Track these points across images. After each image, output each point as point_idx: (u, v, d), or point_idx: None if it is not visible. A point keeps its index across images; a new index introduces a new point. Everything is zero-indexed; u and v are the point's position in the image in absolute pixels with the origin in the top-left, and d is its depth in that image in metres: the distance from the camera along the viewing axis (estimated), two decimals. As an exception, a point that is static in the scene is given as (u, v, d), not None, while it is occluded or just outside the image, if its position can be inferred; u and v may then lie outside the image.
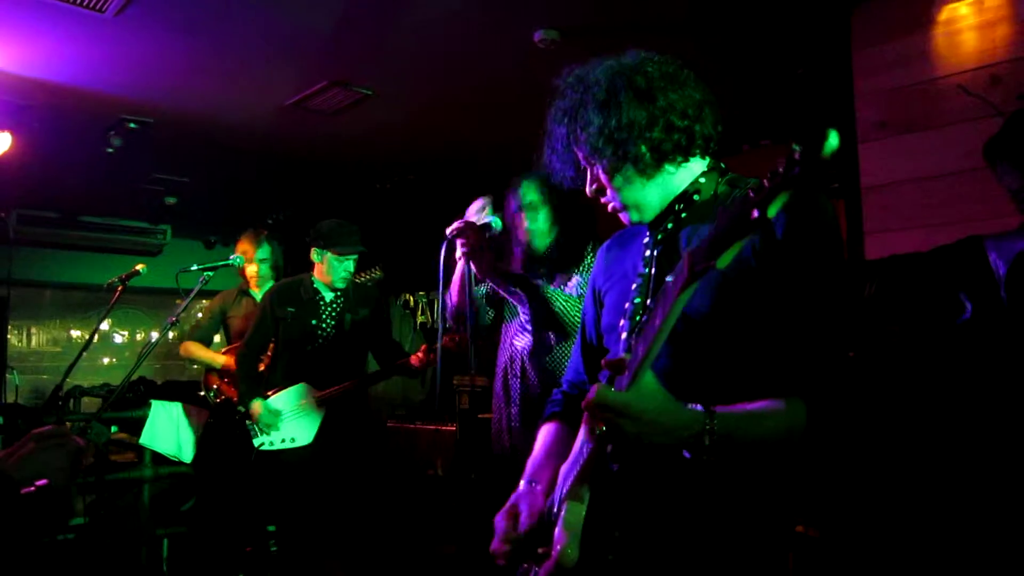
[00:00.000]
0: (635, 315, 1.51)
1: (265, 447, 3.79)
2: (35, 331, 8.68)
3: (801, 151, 0.91)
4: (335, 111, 4.90)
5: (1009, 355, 1.98)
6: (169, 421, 4.84)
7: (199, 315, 4.23)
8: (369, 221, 3.94)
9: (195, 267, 4.15)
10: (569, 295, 2.68)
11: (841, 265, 1.39)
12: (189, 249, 8.37)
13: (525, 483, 1.69)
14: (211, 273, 4.13)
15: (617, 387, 1.28)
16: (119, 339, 9.19)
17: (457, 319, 2.96)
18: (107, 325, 8.93)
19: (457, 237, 2.58)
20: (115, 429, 5.25)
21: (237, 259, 4.44)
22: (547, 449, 1.75)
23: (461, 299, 2.84)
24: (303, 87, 4.53)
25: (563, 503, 1.44)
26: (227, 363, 4.65)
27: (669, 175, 1.53)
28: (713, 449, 1.25)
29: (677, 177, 1.54)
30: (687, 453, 1.28)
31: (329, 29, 3.77)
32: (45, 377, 8.26)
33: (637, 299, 1.53)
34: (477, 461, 2.77)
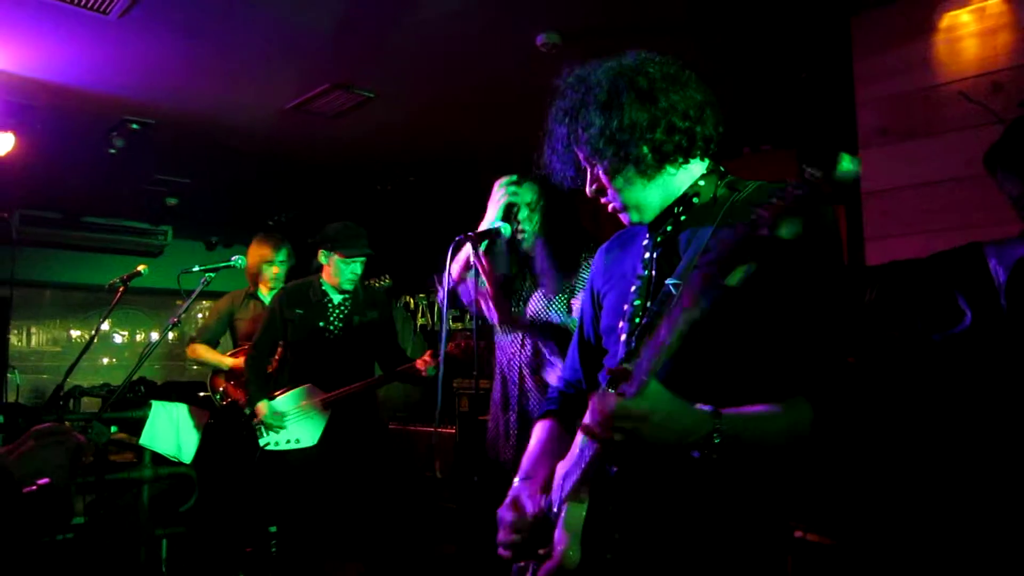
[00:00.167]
0: (634, 317, 1.52)
1: (270, 447, 3.79)
2: (36, 331, 8.68)
3: (817, 176, 0.92)
4: (337, 113, 4.90)
5: (1009, 361, 1.98)
6: (169, 422, 4.83)
7: (202, 316, 4.20)
8: (370, 223, 3.93)
9: (197, 268, 4.14)
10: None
11: (842, 270, 1.40)
12: (190, 250, 8.37)
13: (520, 480, 1.70)
14: (213, 274, 4.13)
15: (625, 392, 1.28)
16: (119, 339, 9.19)
17: (451, 298, 3.00)
18: (107, 325, 8.93)
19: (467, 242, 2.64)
20: (115, 429, 5.25)
21: (239, 260, 4.41)
22: (543, 446, 1.76)
23: (461, 279, 2.91)
24: (305, 89, 4.54)
25: (563, 504, 1.44)
26: (235, 365, 4.64)
27: (670, 176, 1.53)
28: (722, 448, 1.27)
29: (677, 178, 1.54)
30: (696, 453, 1.29)
31: (331, 32, 3.78)
32: (45, 377, 8.26)
33: (636, 301, 1.53)
34: (477, 463, 2.77)
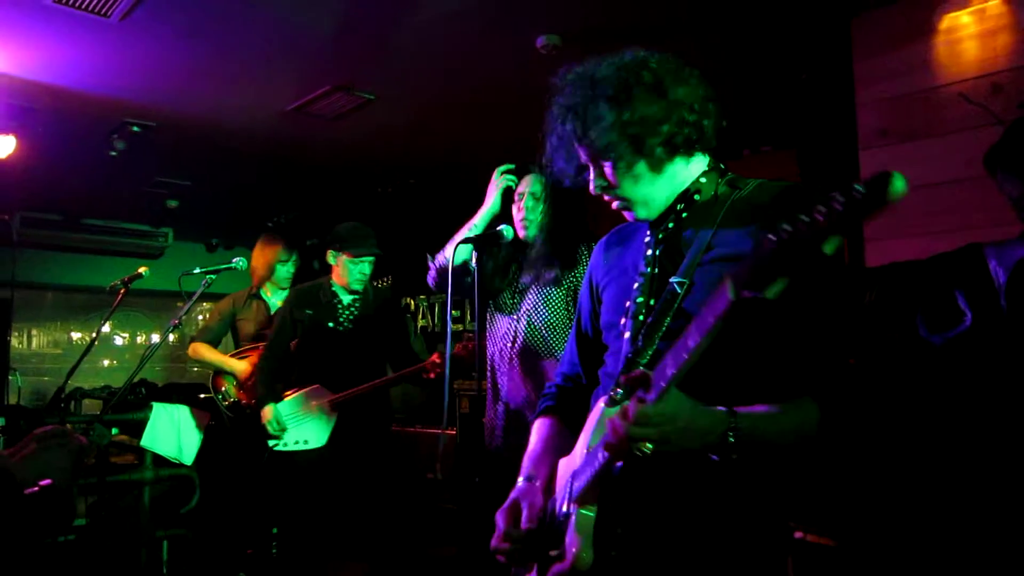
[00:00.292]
0: (638, 315, 1.52)
1: (279, 448, 3.80)
2: (37, 333, 8.68)
3: (864, 193, 0.90)
4: (337, 115, 4.91)
5: (1009, 362, 1.98)
6: (170, 423, 4.83)
7: (203, 318, 4.18)
8: (370, 225, 3.94)
9: (198, 270, 4.14)
10: None
11: (846, 273, 1.41)
12: (191, 252, 8.39)
13: (524, 479, 1.69)
14: (214, 276, 4.13)
15: (645, 399, 1.27)
16: (120, 341, 9.19)
17: (441, 276, 3.02)
18: (108, 327, 8.91)
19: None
20: (116, 431, 5.25)
21: (240, 262, 4.41)
22: (544, 444, 1.76)
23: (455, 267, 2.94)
24: (305, 91, 4.54)
25: (573, 505, 1.44)
26: (246, 370, 4.60)
27: (676, 171, 1.54)
28: (736, 448, 1.28)
29: (682, 174, 1.55)
30: (715, 456, 1.30)
31: (331, 34, 3.78)
32: (46, 379, 8.27)
33: (640, 299, 1.53)
34: (478, 464, 2.77)
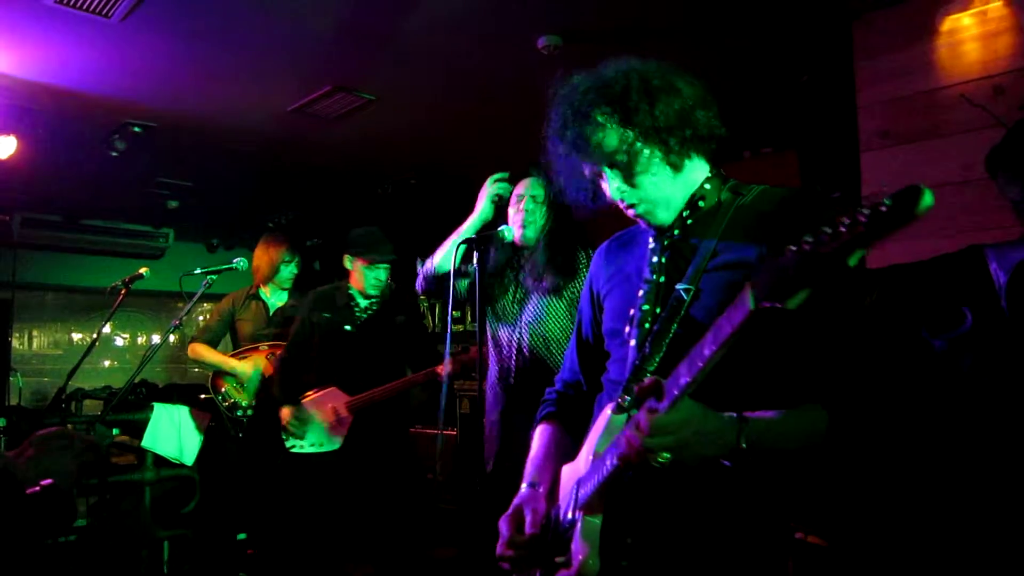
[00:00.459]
0: (644, 322, 1.52)
1: (296, 450, 3.80)
2: (37, 334, 8.68)
3: (891, 206, 0.89)
4: (338, 116, 4.91)
5: (1009, 363, 1.98)
6: (171, 424, 4.83)
7: (203, 319, 4.16)
8: (370, 225, 3.94)
9: (199, 270, 4.14)
10: None
11: (864, 283, 1.41)
12: (191, 252, 8.39)
13: (527, 486, 1.69)
14: (214, 276, 4.13)
15: (657, 408, 1.26)
16: (120, 342, 9.19)
17: (428, 282, 3.02)
18: (109, 328, 8.92)
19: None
20: (117, 432, 5.26)
21: (241, 262, 4.41)
22: (546, 450, 1.76)
23: (443, 274, 2.96)
24: (306, 92, 4.54)
25: (578, 512, 1.44)
26: (248, 370, 4.58)
27: (690, 171, 1.55)
28: (749, 453, 1.28)
29: (693, 175, 1.56)
30: (727, 462, 1.30)
31: (332, 34, 3.78)
32: (47, 380, 8.27)
33: (645, 306, 1.53)
34: (478, 467, 2.76)
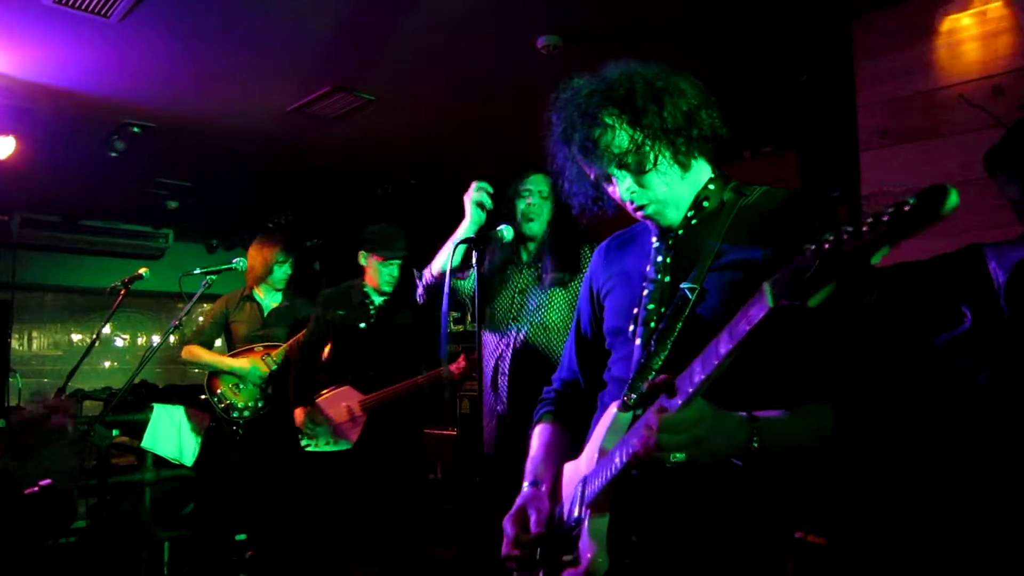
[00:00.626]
0: (649, 321, 1.52)
1: (311, 449, 3.80)
2: (37, 335, 8.68)
3: (915, 205, 0.89)
4: (337, 116, 4.90)
5: (1009, 362, 1.98)
6: (171, 425, 4.83)
7: (201, 318, 4.14)
8: (370, 225, 3.94)
9: (198, 271, 4.14)
10: None
11: (881, 285, 1.40)
12: (191, 253, 8.39)
13: (529, 485, 1.69)
14: (214, 277, 4.13)
15: (668, 406, 1.26)
16: (120, 343, 9.19)
17: (430, 293, 2.98)
18: (109, 329, 8.92)
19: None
20: (117, 433, 5.25)
21: (240, 263, 4.40)
22: (546, 449, 1.76)
23: (442, 280, 2.90)
24: (305, 92, 4.54)
25: (586, 510, 1.44)
26: (245, 364, 4.54)
27: (696, 171, 1.56)
28: (760, 452, 1.27)
29: (698, 176, 1.57)
30: (738, 461, 1.30)
31: (331, 34, 3.78)
32: (47, 381, 8.27)
33: (650, 305, 1.54)
34: (478, 464, 2.77)
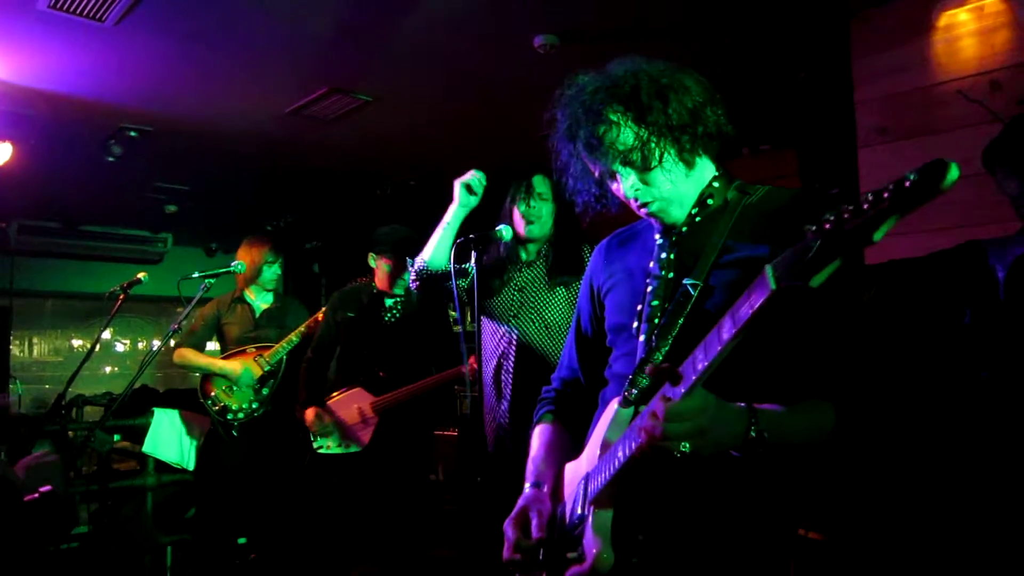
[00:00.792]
0: (653, 317, 1.52)
1: (323, 451, 3.80)
2: (37, 341, 8.67)
3: (915, 180, 0.89)
4: (335, 117, 4.90)
5: (1008, 358, 1.98)
6: (172, 429, 4.84)
7: (191, 321, 4.11)
8: (369, 226, 3.93)
9: (196, 274, 4.12)
10: None
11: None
12: (190, 257, 8.39)
13: (530, 486, 1.68)
14: (212, 280, 4.11)
15: (672, 395, 1.25)
16: (121, 348, 9.19)
17: (423, 279, 2.91)
18: (109, 334, 8.94)
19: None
20: (118, 438, 5.26)
21: (239, 266, 4.39)
22: (547, 449, 1.75)
23: (433, 270, 2.88)
24: (303, 94, 4.53)
25: (589, 507, 1.44)
26: (237, 369, 4.50)
27: (700, 169, 1.56)
28: (759, 444, 1.27)
29: (702, 173, 1.57)
30: (736, 453, 1.29)
31: (328, 35, 3.77)
32: (47, 387, 8.26)
33: (655, 301, 1.53)
34: (478, 465, 2.77)
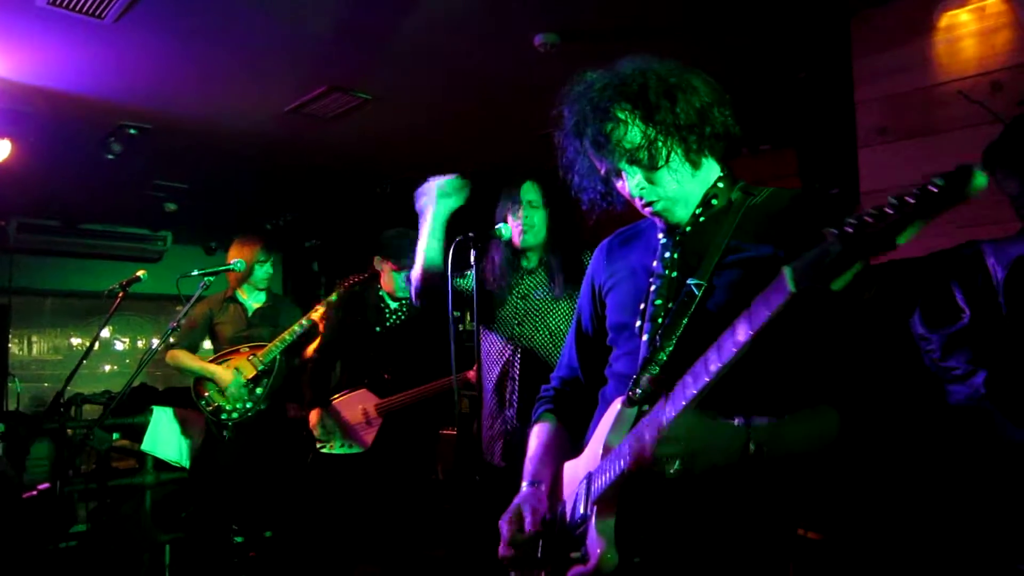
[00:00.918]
0: (656, 317, 1.51)
1: (326, 451, 3.80)
2: (36, 339, 8.67)
3: (942, 185, 0.89)
4: (334, 116, 4.90)
5: (1007, 358, 1.98)
6: (171, 427, 4.83)
7: (183, 322, 4.06)
8: (369, 226, 3.93)
9: (196, 272, 4.11)
10: None
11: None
12: (190, 255, 8.37)
13: (528, 484, 1.68)
14: (212, 278, 4.11)
15: (662, 417, 1.26)
16: (120, 346, 9.19)
17: (425, 286, 2.85)
18: (108, 332, 8.93)
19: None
20: (117, 436, 5.25)
21: (238, 264, 4.38)
22: (545, 447, 1.74)
23: (431, 276, 2.83)
24: (302, 92, 4.53)
25: (592, 507, 1.44)
26: (226, 377, 4.47)
27: (706, 169, 1.56)
28: (756, 459, 1.27)
29: (708, 174, 1.57)
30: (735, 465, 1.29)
31: (328, 34, 3.77)
32: (46, 385, 8.26)
33: (658, 301, 1.53)
34: (478, 464, 2.75)
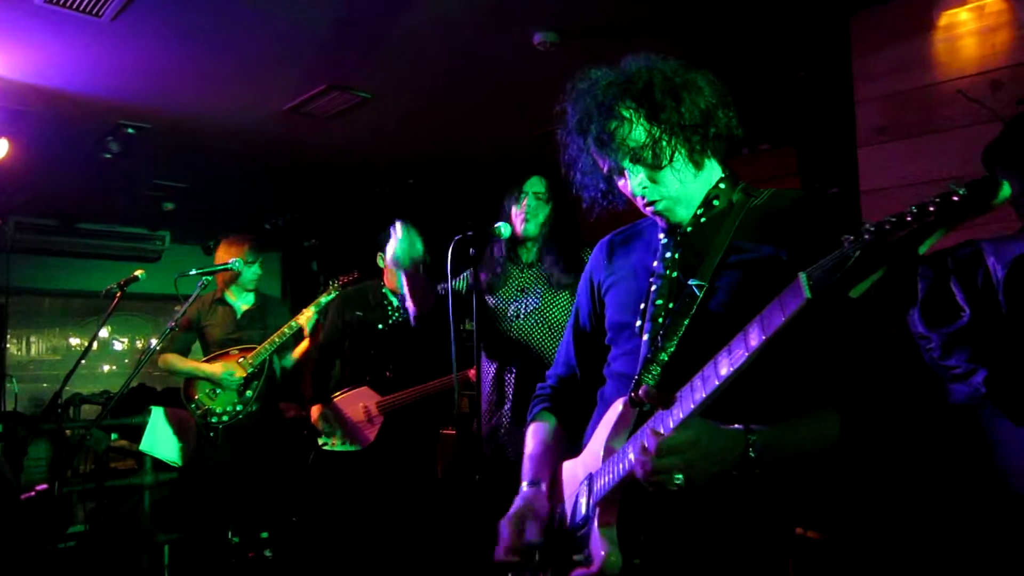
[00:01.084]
0: (657, 317, 1.51)
1: (327, 448, 3.80)
2: (34, 339, 8.66)
3: (964, 195, 0.89)
4: (333, 115, 4.89)
5: (1007, 357, 1.98)
6: (169, 427, 4.82)
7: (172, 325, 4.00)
8: (368, 226, 3.92)
9: (194, 271, 4.11)
10: None
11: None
12: (188, 254, 8.35)
13: (528, 484, 1.67)
14: (210, 277, 4.11)
15: (662, 428, 1.27)
16: (118, 346, 9.18)
17: (423, 320, 2.92)
18: (106, 332, 8.92)
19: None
20: (115, 436, 5.25)
21: (237, 263, 4.37)
22: (544, 446, 1.73)
23: (425, 299, 2.89)
24: (301, 91, 4.52)
25: (595, 508, 1.43)
26: (218, 371, 4.44)
27: (708, 170, 1.56)
28: (757, 463, 1.27)
29: (710, 174, 1.56)
30: (734, 471, 1.29)
31: (327, 32, 3.76)
32: (44, 385, 8.25)
33: (658, 301, 1.52)
34: (477, 463, 2.76)
